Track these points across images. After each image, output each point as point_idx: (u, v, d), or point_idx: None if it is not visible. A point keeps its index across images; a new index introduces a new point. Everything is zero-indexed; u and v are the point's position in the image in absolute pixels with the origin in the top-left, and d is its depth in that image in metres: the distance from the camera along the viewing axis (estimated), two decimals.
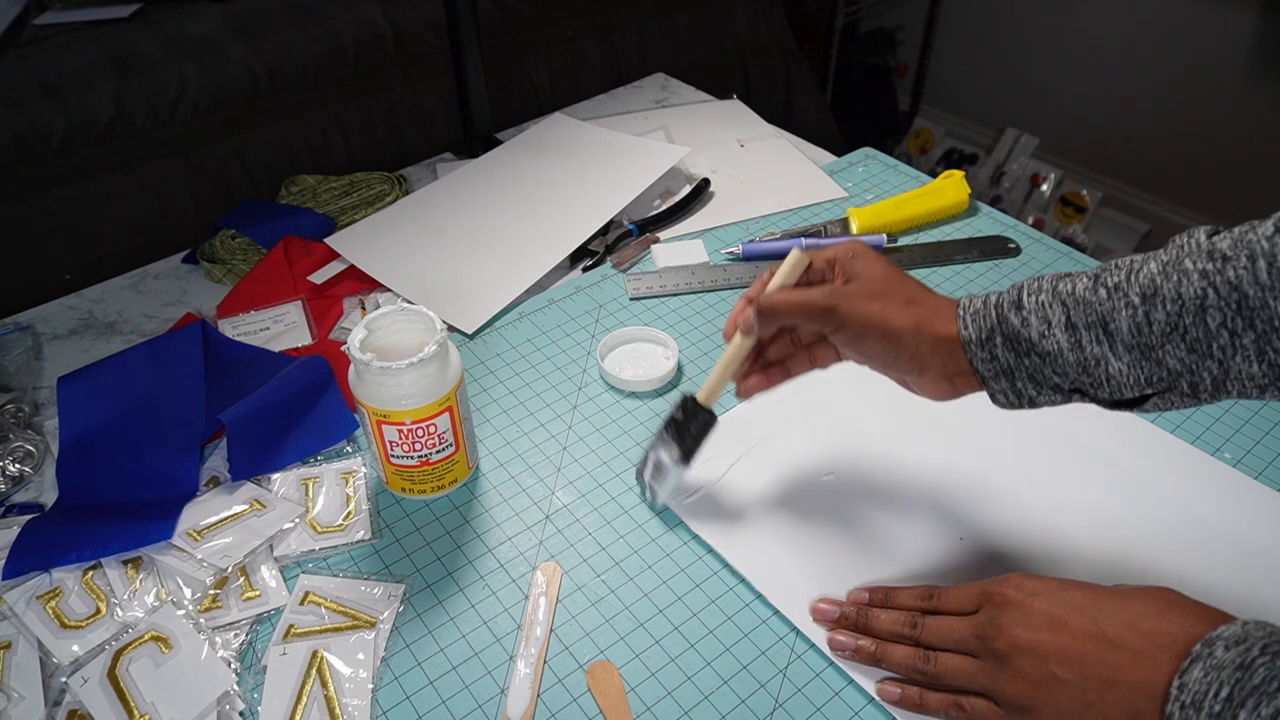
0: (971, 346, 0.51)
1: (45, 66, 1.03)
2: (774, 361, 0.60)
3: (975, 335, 0.51)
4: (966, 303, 0.53)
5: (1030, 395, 0.51)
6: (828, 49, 2.20)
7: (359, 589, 0.59)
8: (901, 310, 0.53)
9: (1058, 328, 0.48)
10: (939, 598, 0.53)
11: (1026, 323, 0.49)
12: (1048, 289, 0.50)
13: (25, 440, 0.70)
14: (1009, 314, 0.50)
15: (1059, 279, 0.50)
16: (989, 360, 0.51)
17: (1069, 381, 0.49)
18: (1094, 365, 0.48)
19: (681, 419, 0.60)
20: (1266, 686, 0.39)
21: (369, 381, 0.59)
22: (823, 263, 0.57)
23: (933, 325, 0.52)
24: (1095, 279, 0.48)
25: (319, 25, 1.15)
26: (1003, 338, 0.50)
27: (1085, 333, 0.47)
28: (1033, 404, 0.51)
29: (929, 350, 0.52)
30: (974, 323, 0.51)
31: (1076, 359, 0.48)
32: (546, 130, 1.07)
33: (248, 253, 0.89)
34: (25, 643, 0.56)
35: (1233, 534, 0.61)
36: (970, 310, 0.52)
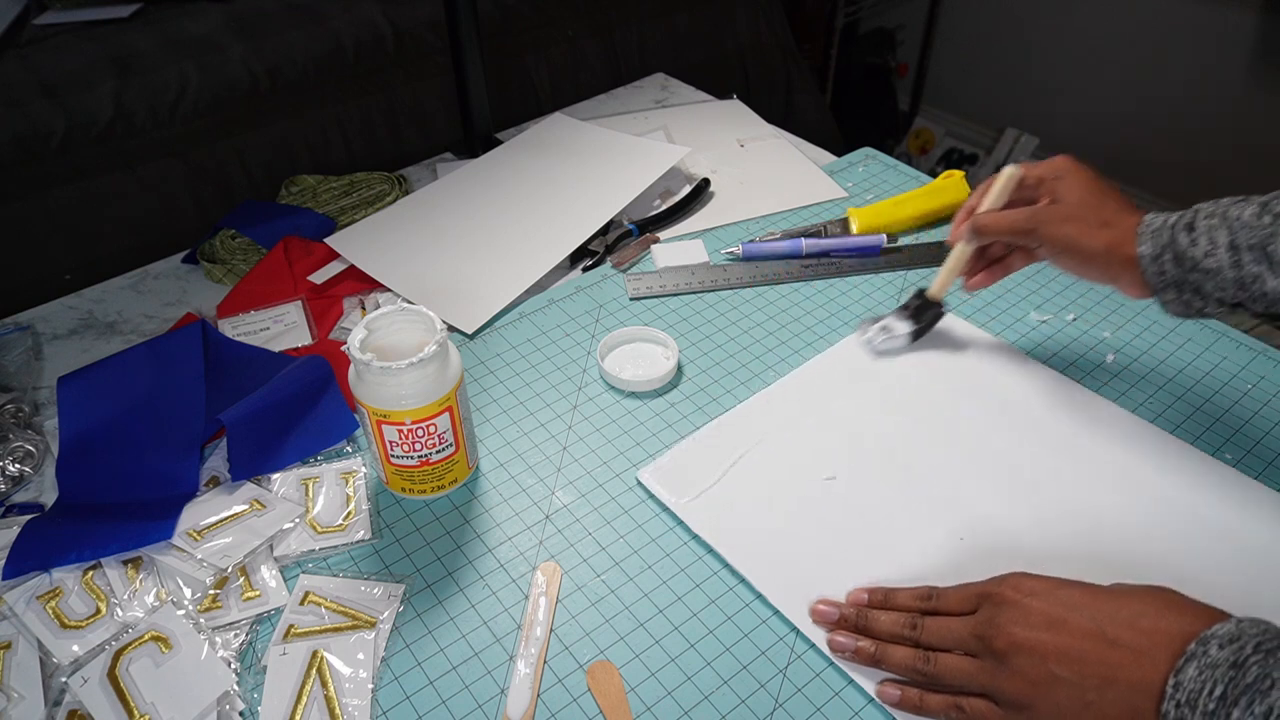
0: (1145, 261, 0.58)
1: (45, 66, 1.03)
2: (996, 258, 0.70)
3: (1150, 251, 0.58)
4: (1150, 219, 0.59)
5: (1197, 306, 0.58)
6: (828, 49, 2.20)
7: (359, 589, 0.59)
8: (1095, 232, 0.60)
9: (1221, 248, 0.54)
10: (938, 598, 0.53)
11: (1195, 242, 0.55)
12: (1219, 213, 0.55)
13: (25, 440, 0.70)
14: (1180, 234, 0.56)
15: (1233, 204, 0.56)
16: (1159, 274, 0.57)
17: (1230, 295, 0.56)
18: (1252, 282, 0.54)
19: (916, 305, 0.74)
20: (1259, 685, 0.39)
21: (369, 381, 0.59)
22: (1034, 179, 0.65)
23: (1122, 246, 0.59)
24: (1264, 205, 0.54)
25: (319, 25, 1.15)
26: (1173, 255, 0.56)
27: (1246, 253, 0.54)
28: (1201, 314, 0.58)
29: (1119, 267, 0.60)
30: (1151, 240, 0.58)
31: (1235, 276, 0.54)
32: (546, 130, 1.07)
33: (248, 253, 0.89)
34: (25, 643, 0.56)
35: (1233, 534, 0.61)
36: (1151, 228, 0.58)
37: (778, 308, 0.83)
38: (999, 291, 0.83)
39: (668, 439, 0.70)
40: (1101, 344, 0.77)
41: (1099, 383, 0.73)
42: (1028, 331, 0.79)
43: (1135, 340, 0.77)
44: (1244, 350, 0.76)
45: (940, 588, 0.54)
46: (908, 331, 0.74)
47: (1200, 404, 0.71)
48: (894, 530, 0.62)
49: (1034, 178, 0.65)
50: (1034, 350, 0.77)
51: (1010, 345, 0.77)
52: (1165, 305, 0.59)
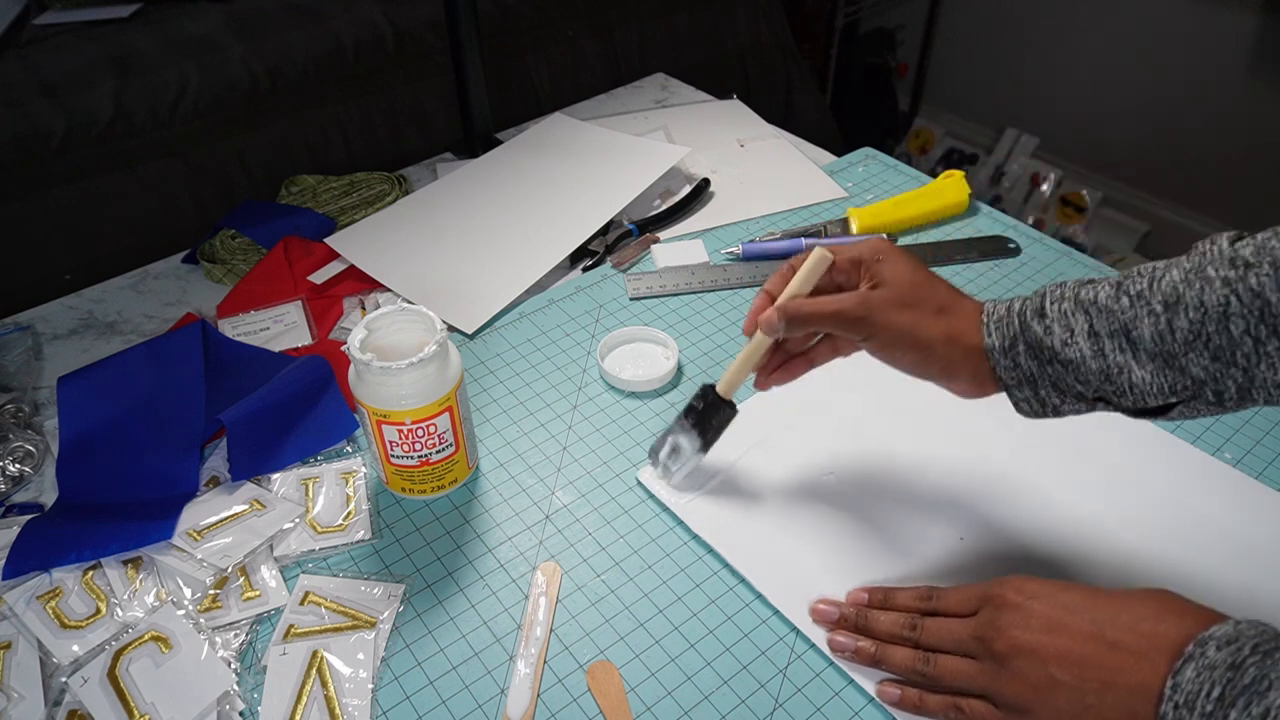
0: (995, 354, 0.51)
1: (45, 66, 1.03)
2: (795, 353, 0.60)
3: (999, 343, 0.51)
4: (991, 308, 0.53)
5: (1054, 404, 0.51)
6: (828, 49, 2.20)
7: (359, 589, 0.59)
8: (932, 320, 0.53)
9: (1080, 336, 0.48)
10: (938, 599, 0.53)
11: (1049, 330, 0.49)
12: (1070, 296, 0.50)
13: (25, 440, 0.70)
14: (1032, 322, 0.50)
15: (1081, 286, 0.50)
16: (1012, 368, 0.51)
17: (1092, 390, 0.49)
18: (1117, 374, 0.48)
19: (701, 409, 0.62)
20: (1257, 686, 0.39)
21: (369, 381, 0.59)
22: (846, 263, 0.56)
23: (964, 335, 0.52)
24: (1118, 286, 0.48)
25: (319, 25, 1.15)
26: (1025, 345, 0.50)
27: (1108, 341, 0.48)
28: (1056, 412, 0.52)
29: (960, 359, 0.53)
30: (997, 330, 0.51)
31: (1099, 367, 0.48)
32: (546, 130, 1.07)
33: (248, 253, 0.89)
34: (25, 643, 0.56)
35: (1233, 534, 0.61)
36: (994, 317, 0.52)
37: None
38: (998, 292, 0.83)
39: None
40: None
41: None
42: None
43: None
44: None
45: (940, 588, 0.54)
46: (696, 448, 0.62)
47: None
48: (894, 530, 0.62)
49: (847, 260, 0.56)
50: None
51: None
52: (1017, 405, 0.52)
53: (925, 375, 0.54)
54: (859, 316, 0.53)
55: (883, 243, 0.56)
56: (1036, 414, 0.52)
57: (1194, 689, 0.41)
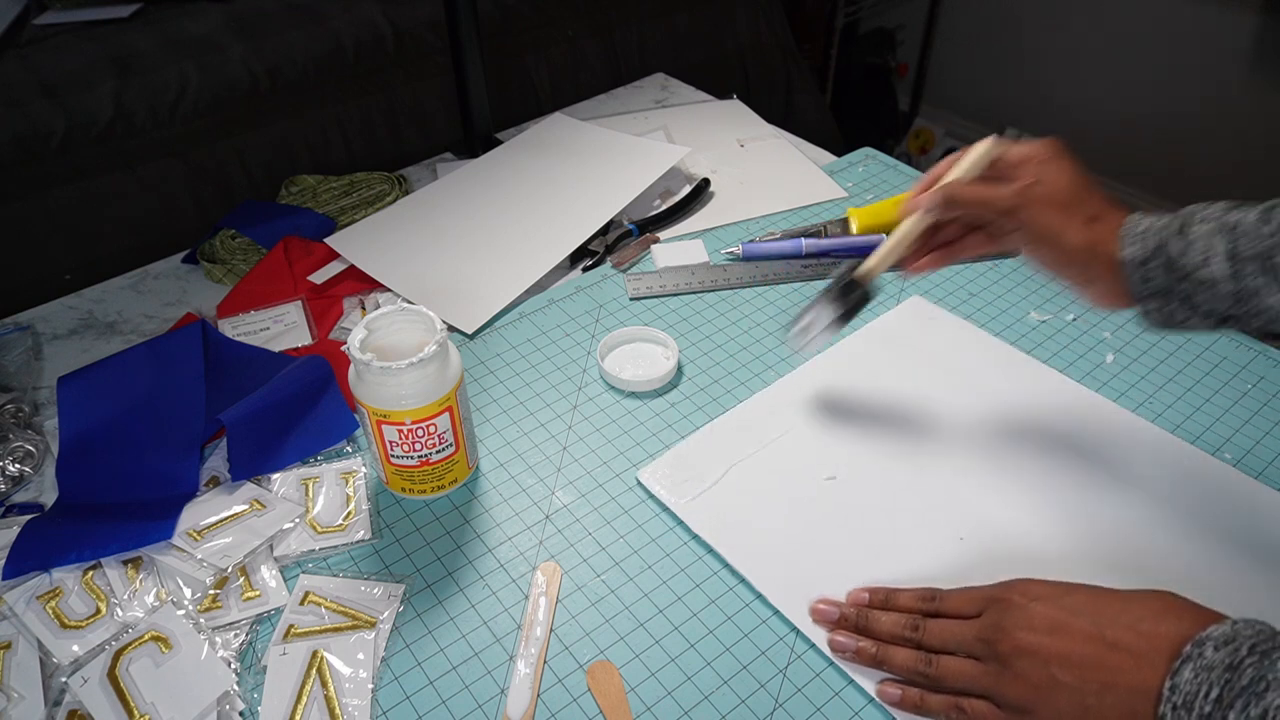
0: (1130, 266, 0.52)
1: (45, 66, 1.03)
2: (947, 241, 0.61)
3: (1137, 255, 0.51)
4: (1135, 220, 0.53)
5: (1181, 318, 0.52)
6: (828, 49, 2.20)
7: (359, 589, 0.59)
8: (1081, 227, 0.54)
9: (1218, 257, 0.49)
10: (940, 600, 0.53)
11: (1189, 249, 0.50)
12: (1215, 217, 0.50)
13: (25, 440, 0.70)
14: (1173, 239, 0.50)
15: (1231, 208, 0.50)
16: (1143, 281, 0.51)
17: (1223, 309, 0.50)
18: (1250, 296, 0.48)
19: (842, 287, 0.62)
20: (1254, 687, 0.39)
21: (369, 381, 0.59)
22: (1016, 158, 0.57)
23: (1105, 245, 0.53)
24: (1266, 212, 0.48)
25: (319, 25, 1.15)
26: (1163, 261, 0.51)
27: (1247, 264, 0.48)
28: (1183, 327, 0.52)
29: (1099, 268, 0.53)
30: (1140, 242, 0.52)
31: (1233, 289, 0.49)
32: (546, 130, 1.07)
33: (248, 253, 0.89)
34: (25, 643, 0.56)
35: (1233, 534, 0.61)
36: (1139, 229, 0.52)
37: (778, 308, 0.83)
38: (998, 291, 0.83)
39: (668, 439, 0.70)
40: (1101, 344, 0.77)
41: (1099, 383, 0.73)
42: (1028, 331, 0.79)
43: (1135, 340, 0.77)
44: (1244, 350, 0.76)
45: (943, 590, 0.54)
46: (830, 320, 0.63)
47: (1200, 404, 0.71)
48: (894, 530, 0.62)
49: (1016, 156, 0.57)
50: (1034, 350, 0.77)
51: (1010, 345, 0.77)
52: (1145, 315, 0.53)
53: (1064, 277, 0.56)
54: (1013, 206, 0.55)
55: (1053, 144, 0.57)
56: (1162, 326, 0.53)
57: (1192, 690, 0.41)
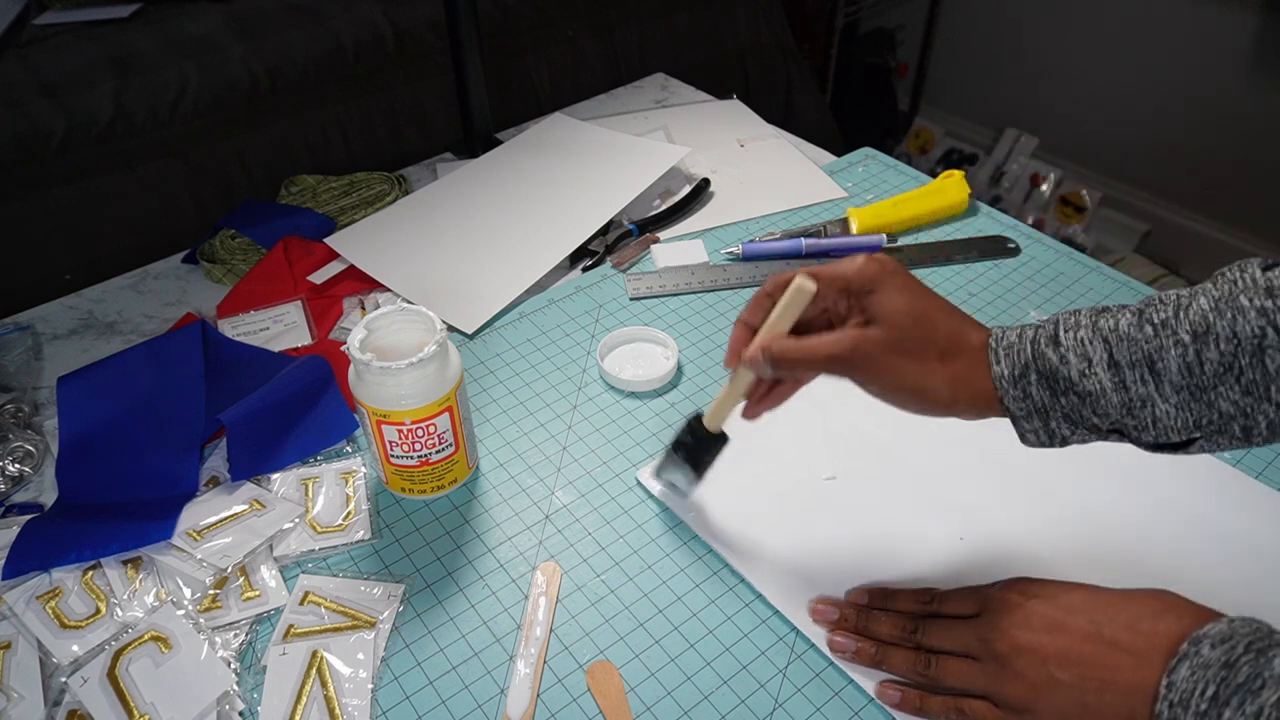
0: (1003, 383, 0.48)
1: (45, 66, 1.03)
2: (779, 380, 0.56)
3: (1008, 371, 0.48)
4: (1000, 334, 0.50)
5: (1064, 435, 0.49)
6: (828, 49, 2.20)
7: (359, 589, 0.59)
8: (936, 366, 0.49)
9: (1099, 366, 0.46)
10: (939, 601, 0.53)
11: (1065, 360, 0.47)
12: (1087, 324, 0.47)
13: (25, 440, 0.70)
14: (1046, 349, 0.47)
15: (1098, 313, 0.48)
16: (1022, 398, 0.48)
17: (1108, 422, 0.47)
18: (1139, 407, 0.46)
19: (691, 444, 0.60)
20: (1250, 684, 0.39)
21: (369, 381, 0.59)
22: (832, 291, 0.51)
23: (970, 380, 0.49)
24: (1139, 314, 0.46)
25: (319, 25, 1.15)
26: (1038, 375, 0.47)
27: (1129, 371, 0.45)
28: (1064, 443, 0.49)
29: (965, 401, 0.49)
30: (1007, 358, 0.48)
31: (1121, 400, 0.46)
32: (546, 130, 1.07)
33: (248, 253, 0.89)
34: (25, 643, 0.56)
35: (1233, 534, 0.61)
36: (1004, 344, 0.49)
37: None
38: (998, 291, 0.83)
39: (668, 439, 0.70)
40: None
41: None
42: None
43: None
44: None
45: (941, 590, 0.54)
46: (690, 480, 0.62)
47: None
48: (894, 531, 0.62)
49: (832, 290, 0.51)
50: None
51: None
52: (1023, 435, 0.50)
53: (926, 414, 0.51)
54: (852, 362, 0.49)
55: (872, 264, 0.51)
56: (1043, 444, 0.50)
57: (1188, 688, 0.41)
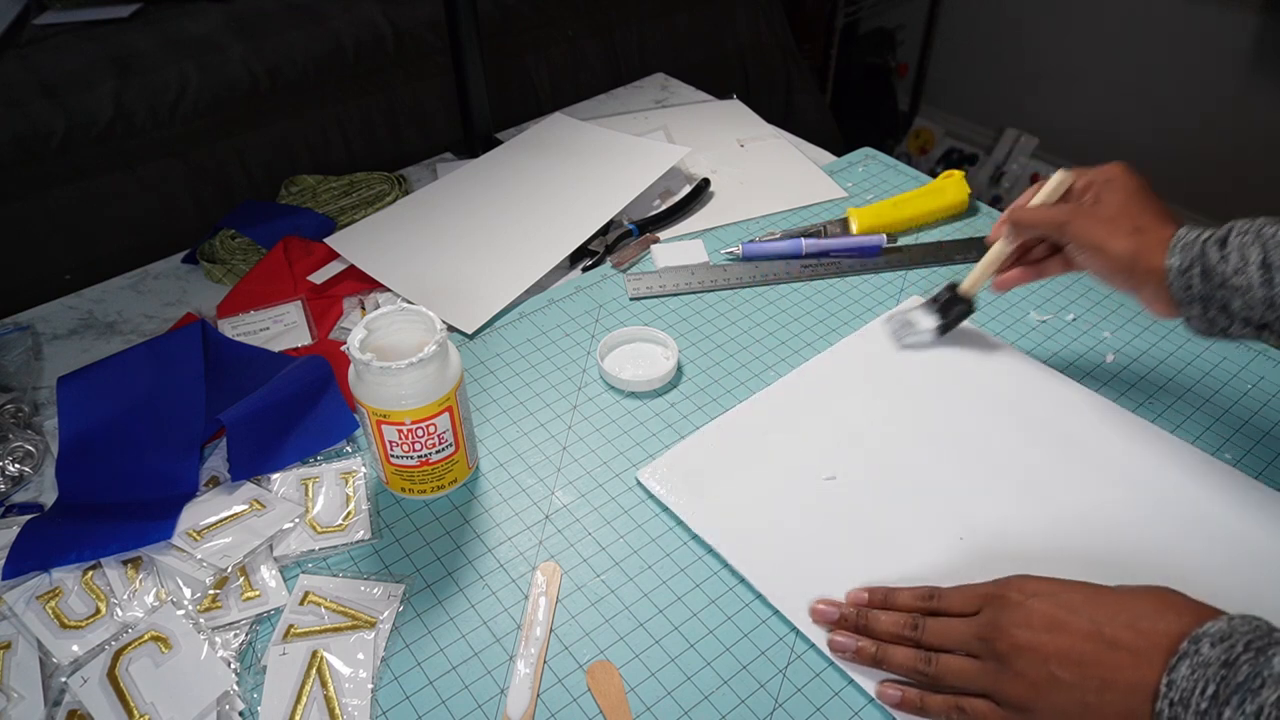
0: (1172, 274, 0.56)
1: (45, 66, 1.03)
2: (1033, 261, 0.69)
3: (1178, 264, 0.56)
4: (1183, 233, 0.57)
5: (1223, 325, 0.56)
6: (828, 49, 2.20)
7: (359, 589, 0.59)
8: (1124, 238, 0.59)
9: (1253, 265, 0.53)
10: (939, 599, 0.53)
11: (1226, 258, 0.54)
12: (1254, 229, 0.54)
13: (25, 440, 0.70)
14: (1211, 248, 0.55)
15: (1269, 222, 0.54)
16: (1185, 288, 0.56)
17: (1258, 316, 0.54)
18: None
19: (945, 300, 0.74)
20: (1250, 684, 0.39)
21: (369, 381, 0.59)
22: (1084, 184, 0.64)
23: (1148, 257, 0.58)
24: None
25: (319, 25, 1.15)
26: (1201, 269, 0.55)
27: (1277, 273, 0.52)
28: (1225, 334, 0.57)
29: (1142, 277, 0.58)
30: (1181, 253, 0.56)
31: (1265, 295, 0.53)
32: (546, 130, 1.07)
33: (248, 253, 0.89)
34: (25, 643, 0.56)
35: (1233, 534, 0.61)
36: (1183, 241, 0.56)
37: (778, 308, 0.83)
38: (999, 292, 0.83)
39: (668, 439, 0.70)
40: (1101, 344, 0.77)
41: (1099, 383, 0.73)
42: (1028, 331, 0.79)
43: (1135, 340, 0.77)
44: (1244, 350, 0.76)
45: (941, 589, 0.54)
46: (933, 326, 0.74)
47: (1200, 404, 0.71)
48: (894, 530, 0.62)
49: (1084, 182, 0.65)
50: (1034, 350, 0.77)
51: (1010, 345, 0.77)
52: (1188, 322, 0.58)
53: (1112, 284, 0.61)
54: (1063, 222, 0.62)
55: (1116, 167, 0.63)
56: (1205, 333, 0.57)
57: (1188, 686, 0.41)
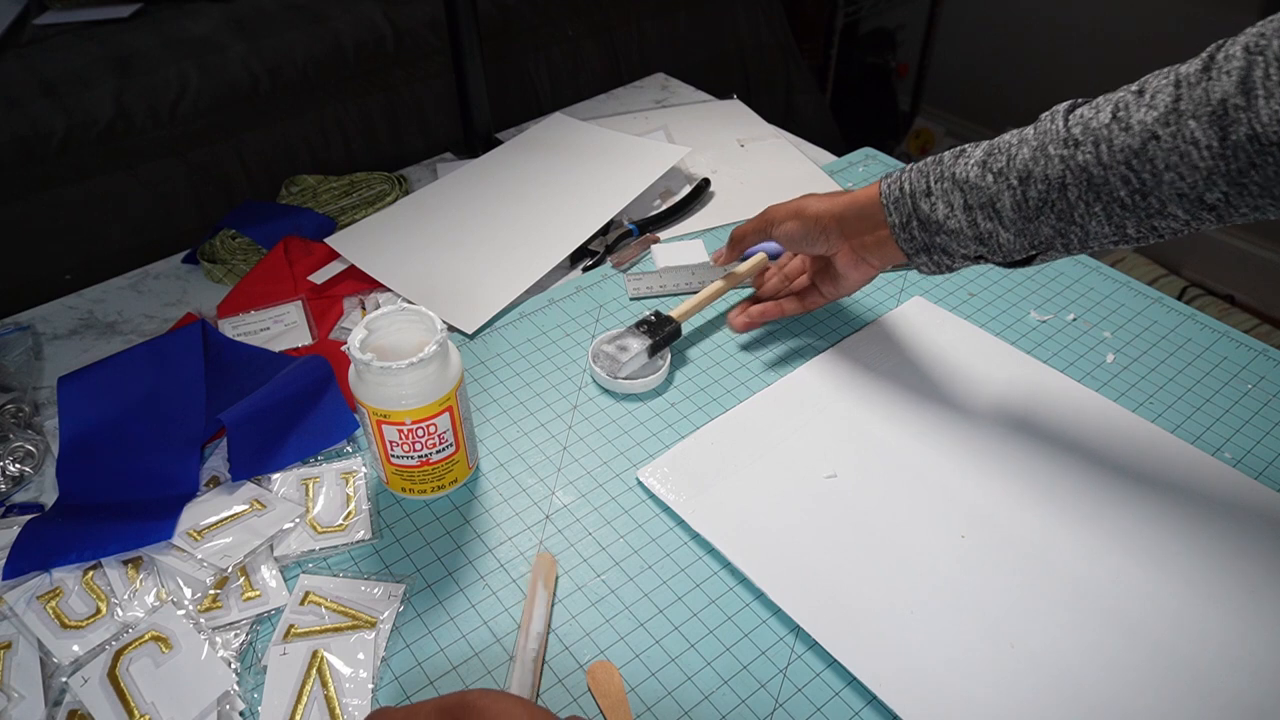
0: (896, 230, 0.64)
1: (45, 66, 1.03)
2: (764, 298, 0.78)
3: (898, 220, 0.63)
4: (886, 189, 0.64)
5: (946, 264, 0.63)
6: (828, 49, 2.20)
7: (359, 589, 0.59)
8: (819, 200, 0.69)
9: (958, 209, 0.60)
10: None
11: (934, 208, 0.61)
12: (948, 175, 0.61)
13: (25, 440, 0.70)
14: (920, 202, 0.62)
15: (956, 161, 0.61)
16: (909, 240, 0.63)
17: (972, 251, 0.61)
18: (988, 238, 0.59)
19: (655, 321, 0.76)
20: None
21: (369, 381, 0.59)
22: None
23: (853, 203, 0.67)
24: (983, 165, 0.59)
25: (319, 25, 1.15)
26: (918, 222, 0.62)
27: (979, 213, 0.59)
28: (949, 269, 0.64)
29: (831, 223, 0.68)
30: (896, 210, 0.63)
31: (974, 234, 0.60)
32: (546, 130, 1.07)
33: (248, 253, 0.89)
34: (25, 643, 0.56)
35: (1233, 534, 0.61)
36: (891, 199, 0.64)
37: None
38: (999, 291, 0.83)
39: (668, 439, 0.70)
40: (1101, 344, 0.77)
41: (1099, 383, 0.73)
42: (1028, 331, 0.79)
43: (1135, 340, 0.77)
44: (1244, 350, 0.76)
45: None
46: (644, 347, 0.73)
47: (1200, 404, 0.71)
48: (895, 529, 0.62)
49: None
50: (1034, 350, 0.77)
51: (1010, 345, 0.77)
52: (919, 268, 0.65)
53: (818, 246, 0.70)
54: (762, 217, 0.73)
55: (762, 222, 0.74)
56: (935, 271, 0.65)
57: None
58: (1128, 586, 0.58)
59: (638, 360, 0.73)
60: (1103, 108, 0.54)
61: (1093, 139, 0.53)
